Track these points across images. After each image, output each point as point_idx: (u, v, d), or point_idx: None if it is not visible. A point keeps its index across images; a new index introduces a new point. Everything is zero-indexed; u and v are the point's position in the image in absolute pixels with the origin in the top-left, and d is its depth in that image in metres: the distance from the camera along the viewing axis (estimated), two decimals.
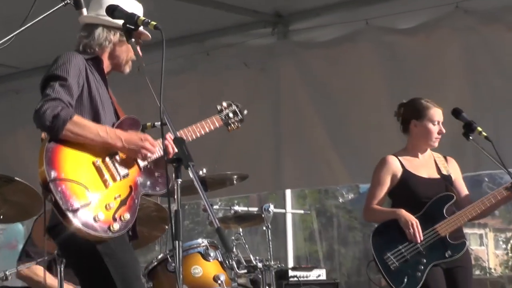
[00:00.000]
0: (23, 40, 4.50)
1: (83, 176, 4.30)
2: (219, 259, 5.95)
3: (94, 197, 4.28)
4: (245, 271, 6.19)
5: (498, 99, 7.35)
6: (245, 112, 5.18)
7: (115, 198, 4.35)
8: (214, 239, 5.98)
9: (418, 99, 6.04)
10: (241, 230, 6.60)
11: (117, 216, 4.28)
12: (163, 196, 4.68)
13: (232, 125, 5.13)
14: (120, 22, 4.50)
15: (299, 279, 7.72)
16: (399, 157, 5.97)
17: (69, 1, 4.63)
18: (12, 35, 4.45)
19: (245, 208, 6.70)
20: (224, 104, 5.10)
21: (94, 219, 4.23)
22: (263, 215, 6.56)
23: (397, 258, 5.65)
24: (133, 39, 4.27)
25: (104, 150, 4.39)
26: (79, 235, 4.21)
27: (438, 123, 5.93)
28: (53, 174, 4.21)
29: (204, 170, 6.22)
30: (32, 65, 9.29)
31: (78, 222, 4.19)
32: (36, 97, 4.55)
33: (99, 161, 4.37)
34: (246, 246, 6.43)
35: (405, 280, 5.61)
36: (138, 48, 4.53)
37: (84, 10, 4.67)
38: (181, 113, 7.89)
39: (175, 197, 3.89)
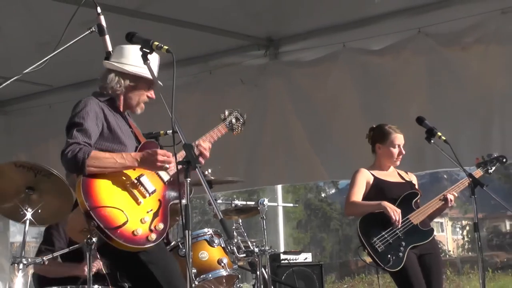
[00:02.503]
0: (55, 62, 4.48)
1: (117, 200, 4.29)
2: (222, 245, 5.93)
3: (129, 215, 4.27)
4: (244, 255, 6.17)
5: (455, 108, 7.35)
6: (245, 116, 5.10)
7: (147, 212, 4.33)
8: (217, 228, 5.99)
9: (383, 125, 6.15)
10: (240, 220, 6.59)
11: (152, 227, 4.28)
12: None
13: (237, 129, 5.04)
14: (132, 69, 4.53)
15: (290, 261, 7.71)
16: (369, 170, 6.08)
17: (94, 29, 4.61)
18: (46, 58, 4.44)
19: (244, 202, 6.68)
20: (226, 112, 5.03)
21: (133, 234, 4.22)
22: (259, 208, 6.55)
23: (382, 242, 5.72)
24: (148, 62, 4.25)
25: (130, 174, 4.38)
26: (123, 249, 4.21)
27: (399, 146, 6.08)
28: (92, 203, 4.21)
29: (209, 170, 6.22)
30: (63, 83, 9.28)
31: (120, 240, 4.19)
32: (65, 111, 4.56)
33: (128, 184, 4.36)
34: (245, 234, 6.42)
35: (391, 259, 5.69)
36: (152, 93, 4.62)
37: (107, 37, 4.65)
38: (188, 122, 7.88)
39: (185, 193, 3.88)
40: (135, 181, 4.38)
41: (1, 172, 4.86)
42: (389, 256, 5.70)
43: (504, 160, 6.27)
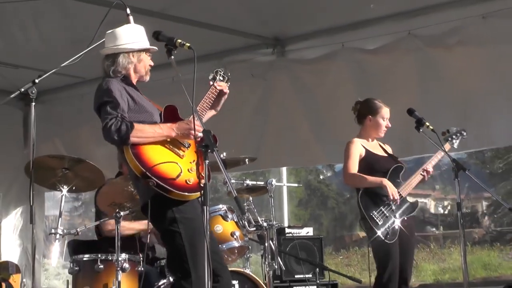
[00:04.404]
0: (88, 57, 4.50)
1: (165, 157, 4.30)
2: (235, 220, 5.96)
3: (180, 167, 4.28)
4: (254, 228, 6.20)
5: (439, 102, 7.34)
6: (228, 73, 4.97)
7: (191, 163, 4.35)
8: (230, 204, 6.01)
9: (372, 99, 6.09)
10: (251, 198, 6.60)
11: (199, 175, 4.25)
12: None
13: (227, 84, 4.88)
14: (135, 46, 4.51)
15: (293, 235, 7.73)
16: (360, 141, 5.98)
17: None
18: (80, 54, 4.45)
19: (254, 182, 6.69)
20: (212, 74, 4.90)
21: (187, 182, 4.24)
22: (267, 187, 6.57)
23: (381, 216, 5.67)
24: (172, 57, 4.26)
25: None
26: (180, 199, 4.22)
27: (386, 119, 6.02)
28: (146, 165, 4.20)
29: (224, 154, 6.23)
30: (94, 75, 9.21)
31: (178, 190, 4.20)
32: None
33: (167, 143, 4.36)
34: (255, 210, 6.43)
35: (389, 232, 5.64)
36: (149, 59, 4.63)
37: (131, 18, 4.65)
38: None
39: (204, 173, 3.90)
40: (173, 139, 4.40)
41: (39, 163, 5.03)
42: (386, 229, 5.64)
43: (464, 134, 6.24)
